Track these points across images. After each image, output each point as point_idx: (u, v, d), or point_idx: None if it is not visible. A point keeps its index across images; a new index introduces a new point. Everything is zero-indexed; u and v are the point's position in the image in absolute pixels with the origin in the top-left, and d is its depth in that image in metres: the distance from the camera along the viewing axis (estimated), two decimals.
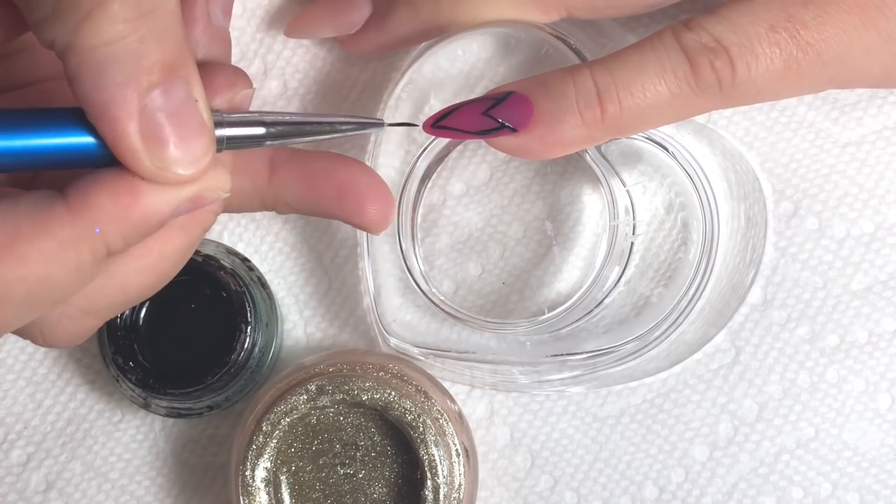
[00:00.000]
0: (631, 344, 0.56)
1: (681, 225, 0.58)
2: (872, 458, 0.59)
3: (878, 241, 0.59)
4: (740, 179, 0.57)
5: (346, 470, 0.56)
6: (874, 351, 0.59)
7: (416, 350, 0.57)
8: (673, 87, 0.48)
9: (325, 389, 0.55)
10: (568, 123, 0.49)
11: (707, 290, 0.56)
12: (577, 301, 0.56)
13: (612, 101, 0.48)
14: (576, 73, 0.49)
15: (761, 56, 0.48)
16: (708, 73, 0.48)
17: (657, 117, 0.49)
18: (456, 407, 0.57)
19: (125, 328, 0.57)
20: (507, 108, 0.49)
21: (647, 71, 0.48)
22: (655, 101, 0.48)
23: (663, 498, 0.59)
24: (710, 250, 0.55)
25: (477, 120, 0.50)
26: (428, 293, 0.57)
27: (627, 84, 0.48)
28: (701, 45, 0.48)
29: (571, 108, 0.49)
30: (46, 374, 0.61)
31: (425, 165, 0.58)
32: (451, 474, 0.55)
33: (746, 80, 0.48)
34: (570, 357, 0.56)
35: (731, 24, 0.48)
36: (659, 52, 0.48)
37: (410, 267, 0.57)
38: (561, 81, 0.49)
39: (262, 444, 0.56)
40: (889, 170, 0.59)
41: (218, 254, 0.58)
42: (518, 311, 0.59)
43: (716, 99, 0.49)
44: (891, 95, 0.59)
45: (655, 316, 0.56)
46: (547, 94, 0.49)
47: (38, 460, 0.61)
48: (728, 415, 0.59)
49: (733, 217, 0.57)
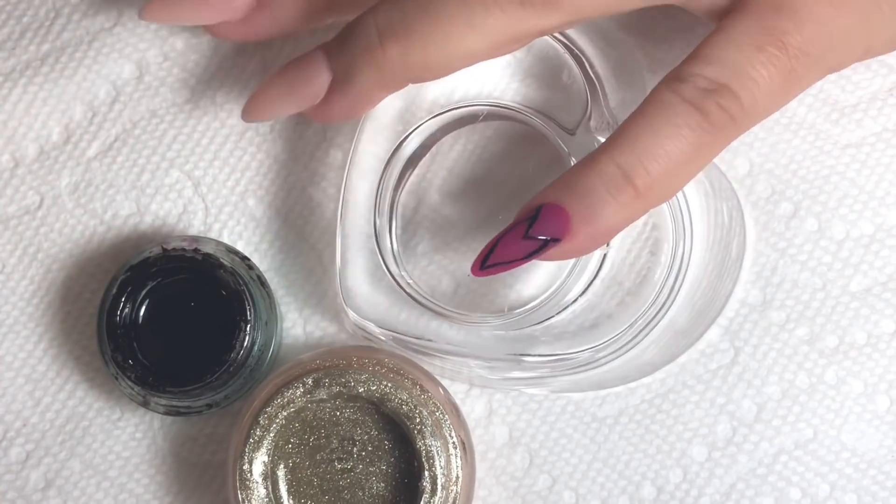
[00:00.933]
0: (585, 354, 0.56)
1: (652, 244, 0.58)
2: (870, 459, 0.59)
3: (877, 243, 0.59)
4: (720, 215, 0.58)
5: (344, 465, 0.57)
6: (873, 352, 0.59)
7: (378, 330, 0.57)
8: (692, 139, 0.48)
9: (321, 382, 0.56)
10: (607, 213, 0.49)
11: (670, 313, 0.56)
12: (540, 304, 0.56)
13: (641, 176, 0.48)
14: (596, 162, 0.49)
15: (760, 79, 0.49)
16: (718, 113, 0.48)
17: (689, 171, 0.49)
18: (453, 401, 0.57)
19: (124, 326, 0.57)
20: (544, 223, 0.50)
21: (663, 133, 0.48)
22: (681, 157, 0.49)
23: (661, 498, 0.59)
24: (678, 272, 0.56)
25: (520, 246, 0.50)
26: (396, 275, 0.57)
27: (650, 154, 0.48)
28: (701, 91, 0.48)
29: (604, 198, 0.49)
30: (45, 371, 0.61)
31: (412, 148, 0.58)
32: (448, 466, 0.55)
33: (754, 105, 0.49)
34: (524, 358, 0.56)
35: (719, 60, 0.49)
36: (665, 113, 0.48)
37: (382, 247, 0.57)
38: (584, 177, 0.49)
39: (259, 437, 0.56)
40: (889, 171, 0.59)
41: (217, 252, 0.58)
42: (482, 306, 0.59)
43: (732, 132, 0.49)
44: (891, 98, 0.59)
45: (612, 330, 0.56)
46: (575, 195, 0.49)
47: (38, 458, 0.61)
48: (726, 415, 0.59)
49: (709, 247, 0.57)
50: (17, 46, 0.62)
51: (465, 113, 0.58)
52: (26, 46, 0.62)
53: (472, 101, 0.58)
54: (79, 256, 0.61)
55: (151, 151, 0.61)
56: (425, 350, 0.57)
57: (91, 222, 0.61)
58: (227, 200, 0.61)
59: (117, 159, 0.61)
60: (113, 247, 0.61)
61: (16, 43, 0.62)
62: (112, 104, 0.62)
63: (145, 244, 0.60)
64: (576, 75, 0.56)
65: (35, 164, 0.62)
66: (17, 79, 0.62)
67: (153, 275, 0.57)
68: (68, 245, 0.61)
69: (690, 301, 0.57)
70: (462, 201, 0.60)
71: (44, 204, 0.62)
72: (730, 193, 0.58)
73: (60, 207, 0.62)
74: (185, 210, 0.61)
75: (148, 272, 0.57)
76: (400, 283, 0.57)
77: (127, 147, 0.61)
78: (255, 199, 0.61)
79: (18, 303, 0.61)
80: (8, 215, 0.62)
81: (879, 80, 0.59)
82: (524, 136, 0.59)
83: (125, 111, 0.62)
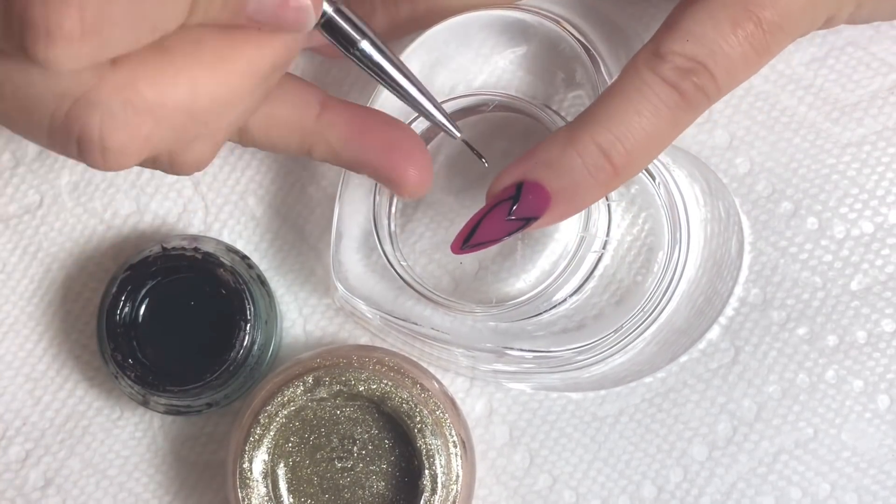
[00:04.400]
0: (567, 353, 0.56)
1: (646, 251, 0.58)
2: (871, 458, 0.59)
3: (877, 242, 0.59)
4: (717, 211, 0.58)
5: (344, 464, 0.56)
6: (873, 351, 0.59)
7: (365, 308, 0.57)
8: (669, 117, 0.50)
9: (321, 381, 0.56)
10: (586, 192, 0.50)
11: (658, 322, 0.57)
12: (528, 300, 0.56)
13: (619, 154, 0.50)
14: (575, 141, 0.50)
15: (735, 56, 0.49)
16: (695, 92, 0.49)
17: (662, 145, 0.51)
18: (453, 400, 0.57)
19: (124, 325, 0.57)
20: (525, 203, 0.51)
21: (641, 112, 0.49)
22: (657, 134, 0.50)
23: (662, 497, 0.59)
24: (672, 278, 0.56)
25: (503, 226, 0.51)
26: (389, 256, 0.57)
27: (628, 133, 0.49)
28: (679, 70, 0.49)
29: (584, 176, 0.50)
30: (45, 370, 0.61)
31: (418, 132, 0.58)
32: (448, 465, 0.55)
33: (729, 82, 0.50)
34: (508, 351, 0.56)
35: (697, 37, 0.49)
36: (645, 92, 0.49)
37: (379, 226, 0.57)
38: (564, 155, 0.50)
39: (259, 436, 0.56)
40: (889, 170, 0.59)
41: (217, 251, 0.58)
42: (471, 295, 0.59)
43: (705, 107, 0.50)
44: (891, 96, 0.59)
45: (598, 332, 0.56)
46: (555, 174, 0.50)
47: (37, 457, 0.61)
48: (727, 414, 0.59)
49: (704, 260, 0.57)
50: None
51: (473, 102, 0.57)
52: None
53: (480, 90, 0.58)
54: (79, 255, 0.61)
55: None
56: (411, 333, 0.57)
57: (91, 221, 0.61)
58: (227, 199, 0.61)
59: None
60: (113, 246, 0.61)
61: None
62: None
63: (145, 243, 0.60)
64: (591, 75, 0.56)
65: (35, 163, 0.62)
66: None
67: (153, 274, 0.57)
68: (68, 244, 0.61)
69: (690, 300, 0.57)
70: (463, 191, 0.60)
71: (44, 203, 0.62)
72: (724, 192, 0.58)
73: (61, 206, 0.62)
74: (185, 209, 0.61)
75: (148, 271, 0.57)
76: (392, 264, 0.57)
77: None
78: (255, 198, 0.61)
79: (19, 302, 0.61)
80: (8, 214, 0.62)
81: (880, 79, 0.59)
82: (531, 130, 0.59)
83: None
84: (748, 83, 0.59)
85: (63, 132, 0.44)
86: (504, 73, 0.59)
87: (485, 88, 0.58)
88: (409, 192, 0.52)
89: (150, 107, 0.44)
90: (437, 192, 0.60)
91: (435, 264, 0.60)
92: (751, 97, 0.59)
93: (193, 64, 0.45)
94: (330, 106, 0.52)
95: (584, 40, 0.56)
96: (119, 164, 0.45)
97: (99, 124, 0.44)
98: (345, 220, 0.57)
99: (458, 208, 0.60)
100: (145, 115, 0.44)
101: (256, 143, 0.52)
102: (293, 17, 0.45)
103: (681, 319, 0.57)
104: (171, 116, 0.45)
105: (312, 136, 0.51)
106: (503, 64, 0.59)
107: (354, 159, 0.52)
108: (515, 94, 0.58)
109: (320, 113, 0.51)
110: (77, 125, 0.44)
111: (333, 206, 0.59)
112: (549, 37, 0.57)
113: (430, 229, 0.60)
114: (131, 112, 0.44)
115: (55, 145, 0.45)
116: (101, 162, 0.44)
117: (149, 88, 0.44)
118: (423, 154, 0.52)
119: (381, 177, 0.52)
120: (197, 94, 0.45)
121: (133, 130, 0.44)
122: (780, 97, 0.59)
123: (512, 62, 0.59)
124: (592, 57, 0.56)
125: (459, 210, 0.60)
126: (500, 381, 0.59)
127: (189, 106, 0.45)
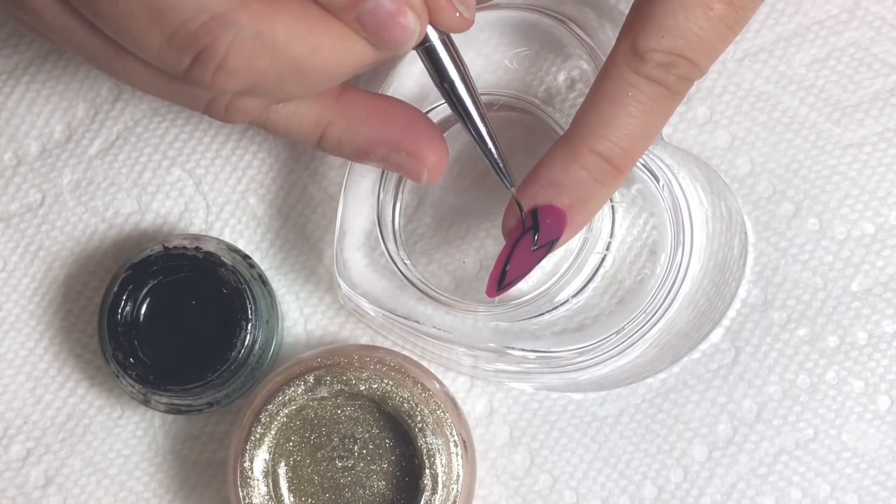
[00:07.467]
0: (569, 354, 0.56)
1: (649, 252, 0.58)
2: (871, 459, 0.59)
3: (878, 243, 0.59)
4: (719, 210, 0.58)
5: (345, 463, 0.57)
6: (874, 352, 0.59)
7: (368, 305, 0.57)
8: (658, 110, 0.50)
9: (322, 380, 0.56)
10: (597, 198, 0.51)
11: (660, 324, 0.57)
12: (530, 300, 0.56)
13: (619, 156, 0.50)
14: (576, 155, 0.50)
15: (712, 39, 0.49)
16: (679, 82, 0.50)
17: (655, 133, 0.51)
18: (454, 399, 0.57)
19: (125, 324, 0.57)
20: (546, 228, 0.51)
21: (634, 114, 0.50)
22: (648, 127, 0.50)
23: (662, 497, 0.59)
24: (675, 281, 0.56)
25: (530, 258, 0.52)
26: (393, 254, 0.57)
27: (624, 135, 0.50)
28: (661, 66, 0.49)
29: (592, 185, 0.51)
30: (46, 369, 0.61)
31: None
32: (449, 464, 0.55)
33: (708, 61, 0.50)
34: (509, 351, 0.56)
35: (671, 30, 0.49)
36: (632, 92, 0.50)
37: (382, 223, 0.57)
38: (568, 171, 0.51)
39: (260, 435, 0.56)
40: (890, 171, 0.59)
41: (219, 251, 0.58)
42: (473, 294, 0.59)
43: (689, 89, 0.51)
44: (892, 97, 0.59)
45: (599, 333, 0.56)
46: (565, 191, 0.51)
47: (38, 455, 0.61)
48: (727, 415, 0.59)
49: (706, 261, 0.57)
50: (20, 44, 0.62)
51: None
52: (29, 44, 0.62)
53: (484, 90, 0.58)
54: (80, 254, 0.61)
55: (153, 150, 0.61)
56: (413, 331, 0.57)
57: (92, 220, 0.61)
58: (228, 199, 0.61)
59: (119, 157, 0.62)
60: (114, 245, 0.61)
61: (18, 40, 0.62)
62: (114, 102, 0.62)
63: (147, 242, 0.61)
64: (594, 74, 0.56)
65: (37, 162, 0.62)
66: (19, 76, 0.62)
67: (154, 273, 0.57)
68: (70, 243, 0.61)
69: (692, 302, 0.57)
70: (467, 190, 0.60)
71: (45, 202, 0.62)
72: (727, 192, 0.58)
73: (62, 205, 0.62)
74: (187, 208, 0.61)
75: (149, 270, 0.57)
76: (395, 262, 0.57)
77: (129, 145, 0.62)
78: (256, 197, 0.61)
79: (20, 300, 0.62)
80: (10, 213, 0.62)
81: (881, 80, 0.59)
82: (534, 129, 0.59)
83: (127, 109, 0.62)
84: (749, 84, 0.59)
85: (186, 41, 0.45)
86: (506, 73, 0.59)
87: (488, 88, 0.58)
88: (427, 171, 0.52)
89: (276, 47, 0.45)
90: (440, 192, 0.60)
91: (436, 263, 0.60)
92: (752, 98, 0.59)
93: (324, 29, 0.46)
94: (349, 87, 0.52)
95: (587, 39, 0.56)
96: (222, 86, 0.46)
97: (228, 44, 0.45)
98: (348, 218, 0.58)
99: (460, 208, 0.60)
100: (269, 52, 0.45)
101: (270, 119, 0.52)
102: (396, 34, 0.46)
103: (683, 321, 0.57)
104: (286, 64, 0.46)
105: (331, 112, 0.52)
106: (506, 63, 0.59)
107: (374, 136, 0.52)
108: (518, 93, 0.58)
109: (341, 92, 0.52)
110: (207, 39, 0.45)
111: (335, 206, 0.59)
112: (552, 36, 0.57)
113: (433, 229, 0.60)
114: (259, 44, 0.45)
115: (167, 53, 0.46)
116: (209, 79, 0.46)
117: (283, 30, 0.45)
118: (440, 138, 0.52)
119: (397, 160, 0.52)
120: (314, 56, 0.46)
121: (253, 61, 0.45)
122: (782, 98, 0.59)
123: (515, 62, 0.59)
124: (595, 56, 0.56)
125: (461, 210, 0.60)
126: (502, 381, 0.59)
127: (303, 63, 0.46)
